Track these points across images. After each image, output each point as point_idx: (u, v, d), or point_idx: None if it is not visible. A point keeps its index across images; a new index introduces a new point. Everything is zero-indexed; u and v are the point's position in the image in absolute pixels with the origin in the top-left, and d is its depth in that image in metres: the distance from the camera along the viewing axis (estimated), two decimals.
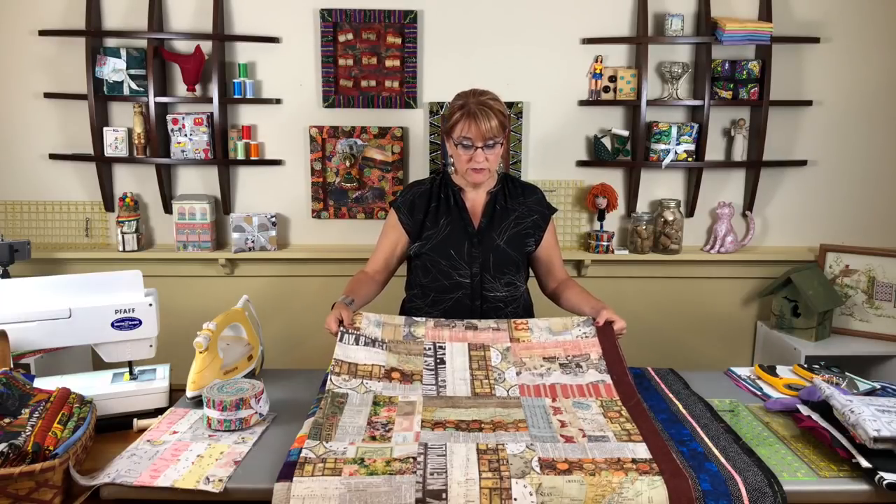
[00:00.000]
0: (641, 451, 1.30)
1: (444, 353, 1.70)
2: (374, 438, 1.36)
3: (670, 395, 1.61)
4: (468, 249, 1.94)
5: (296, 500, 1.16)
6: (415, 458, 1.26)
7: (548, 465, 1.24)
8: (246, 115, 2.97)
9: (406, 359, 1.67)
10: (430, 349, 1.71)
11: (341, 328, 1.68)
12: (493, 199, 2.00)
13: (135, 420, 1.48)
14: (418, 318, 1.79)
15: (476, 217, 1.99)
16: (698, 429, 1.42)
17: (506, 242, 1.95)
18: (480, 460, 1.25)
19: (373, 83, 2.92)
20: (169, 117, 2.88)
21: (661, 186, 3.05)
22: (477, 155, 1.87)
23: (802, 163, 3.00)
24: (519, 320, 1.81)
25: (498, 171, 2.05)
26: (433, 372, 1.64)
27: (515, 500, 1.17)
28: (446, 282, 1.94)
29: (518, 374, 1.64)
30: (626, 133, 2.95)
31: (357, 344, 1.66)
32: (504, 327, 1.79)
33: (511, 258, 1.95)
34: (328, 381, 1.58)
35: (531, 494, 1.18)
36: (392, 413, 1.48)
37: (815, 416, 1.40)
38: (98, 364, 2.11)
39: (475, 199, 2.01)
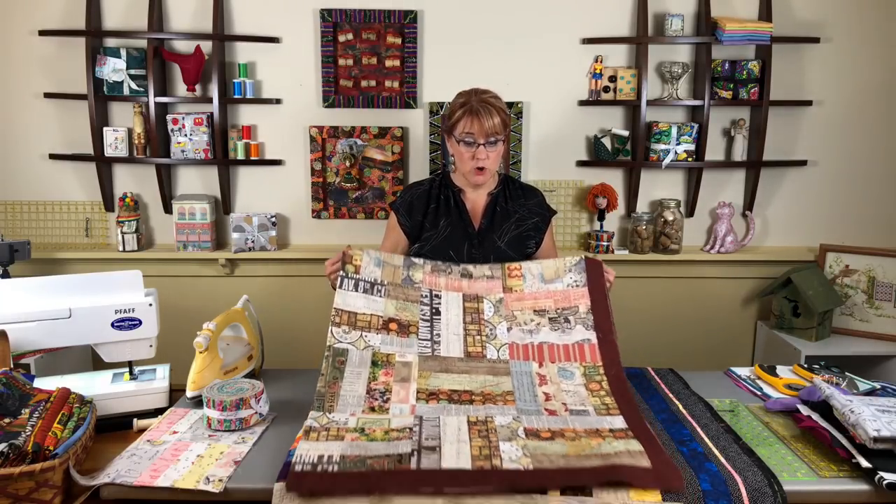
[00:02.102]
0: (619, 422, 1.39)
1: (439, 303, 1.70)
2: (373, 409, 1.44)
3: (670, 395, 1.61)
4: (468, 251, 1.94)
5: (301, 454, 1.24)
6: (411, 428, 1.36)
7: (532, 434, 1.34)
8: (246, 115, 2.97)
9: (403, 305, 1.68)
10: (426, 297, 1.71)
11: (340, 273, 1.68)
12: (493, 200, 2.00)
13: (135, 420, 1.48)
14: (416, 260, 1.78)
15: (476, 218, 1.99)
16: (698, 429, 1.42)
17: (507, 244, 1.96)
18: (471, 430, 1.35)
19: (373, 83, 2.92)
20: (169, 117, 2.88)
21: (661, 186, 3.05)
22: (479, 152, 1.88)
23: (802, 163, 3.00)
24: (513, 264, 1.80)
25: (499, 172, 2.05)
26: (429, 324, 1.66)
27: (504, 451, 1.27)
28: None
29: (509, 329, 1.66)
30: (626, 133, 2.95)
31: (356, 290, 1.68)
32: (498, 274, 1.78)
33: (511, 260, 1.94)
34: (329, 336, 1.59)
35: (517, 450, 1.28)
36: (389, 378, 1.54)
37: (815, 416, 1.40)
38: (98, 364, 2.11)
39: (475, 200, 2.01)
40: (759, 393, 1.66)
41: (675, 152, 2.90)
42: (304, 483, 1.18)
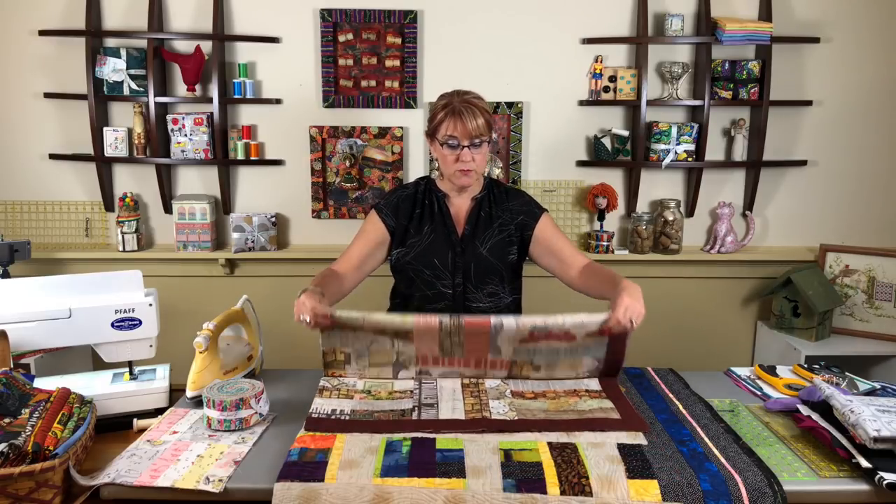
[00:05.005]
0: (594, 384, 1.61)
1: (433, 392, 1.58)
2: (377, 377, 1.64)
3: (670, 395, 1.61)
4: (452, 259, 1.88)
5: (316, 407, 1.46)
6: (412, 390, 1.56)
7: (518, 395, 1.55)
8: (246, 115, 2.97)
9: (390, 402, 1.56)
10: (416, 391, 1.58)
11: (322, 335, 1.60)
12: (478, 205, 1.94)
13: (135, 420, 1.48)
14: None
15: (460, 224, 1.92)
16: (698, 429, 1.42)
17: (488, 251, 1.89)
18: (464, 391, 1.56)
19: (373, 83, 2.92)
20: (169, 117, 2.88)
21: (661, 186, 3.05)
22: (464, 154, 1.81)
23: (802, 163, 3.00)
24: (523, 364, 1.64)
25: (484, 176, 1.99)
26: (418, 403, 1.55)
27: (493, 407, 1.46)
28: (429, 292, 1.89)
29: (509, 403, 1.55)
30: (626, 133, 2.95)
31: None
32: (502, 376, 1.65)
33: (493, 267, 1.90)
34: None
35: (504, 406, 1.47)
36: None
37: (815, 416, 1.40)
38: (98, 364, 2.11)
39: (460, 206, 1.94)
40: (759, 393, 1.66)
41: (675, 152, 2.90)
42: (321, 426, 1.38)
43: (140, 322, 1.58)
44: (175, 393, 1.61)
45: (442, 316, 1.56)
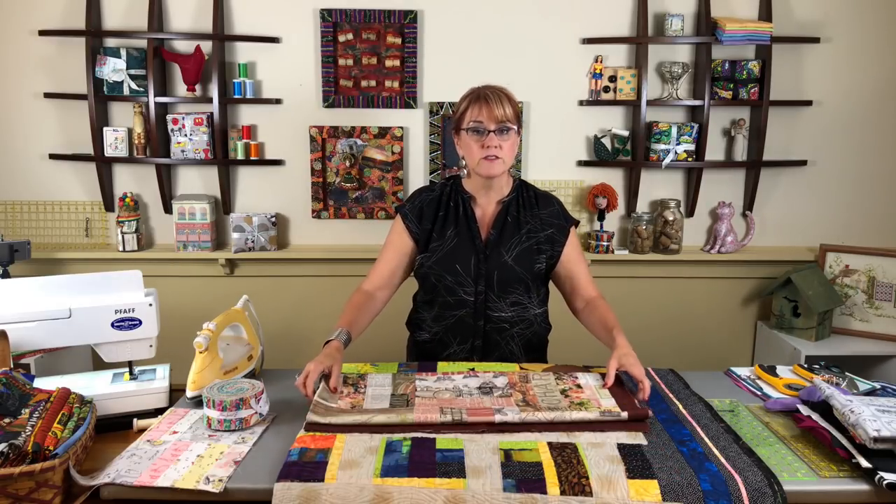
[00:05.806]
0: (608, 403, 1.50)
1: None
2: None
3: (670, 395, 1.61)
4: (475, 265, 1.81)
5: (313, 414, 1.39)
6: (408, 401, 1.51)
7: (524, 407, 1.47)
8: (246, 115, 2.97)
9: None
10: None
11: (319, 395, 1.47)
12: (504, 208, 1.85)
13: (135, 420, 1.48)
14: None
15: (485, 228, 1.85)
16: (698, 429, 1.42)
17: (514, 259, 1.81)
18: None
19: (373, 83, 2.92)
20: (169, 117, 2.88)
21: (661, 186, 3.05)
22: (490, 139, 1.73)
23: (802, 163, 3.00)
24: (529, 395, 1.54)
25: (514, 178, 1.92)
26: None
27: (496, 415, 1.38)
28: (450, 298, 1.83)
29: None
30: (626, 133, 2.95)
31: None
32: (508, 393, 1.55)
33: (518, 276, 1.81)
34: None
35: (509, 412, 1.40)
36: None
37: (815, 416, 1.40)
38: (98, 364, 2.12)
39: (486, 208, 1.86)
40: (759, 393, 1.66)
41: (675, 152, 2.90)
42: (321, 426, 1.36)
43: (140, 322, 1.58)
44: (175, 393, 1.61)
45: (443, 413, 1.40)
